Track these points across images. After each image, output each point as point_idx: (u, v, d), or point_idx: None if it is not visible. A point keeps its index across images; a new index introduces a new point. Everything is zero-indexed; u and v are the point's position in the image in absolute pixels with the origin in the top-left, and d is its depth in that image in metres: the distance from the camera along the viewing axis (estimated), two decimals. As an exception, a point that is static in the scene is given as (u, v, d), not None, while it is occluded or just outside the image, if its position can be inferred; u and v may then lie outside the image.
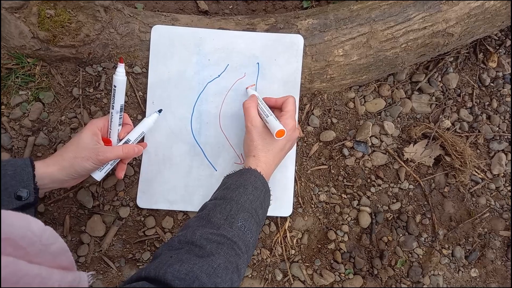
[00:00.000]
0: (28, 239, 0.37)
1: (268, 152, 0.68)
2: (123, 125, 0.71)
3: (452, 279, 0.85)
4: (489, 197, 0.87)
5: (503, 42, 0.94)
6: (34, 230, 0.38)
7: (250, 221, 0.59)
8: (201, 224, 0.56)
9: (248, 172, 0.65)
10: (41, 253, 0.38)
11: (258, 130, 0.69)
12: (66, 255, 0.42)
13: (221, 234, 0.54)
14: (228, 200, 0.60)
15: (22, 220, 0.37)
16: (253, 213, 0.60)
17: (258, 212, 0.62)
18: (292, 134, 0.69)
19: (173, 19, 0.80)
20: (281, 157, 0.71)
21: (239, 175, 0.65)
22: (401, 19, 0.78)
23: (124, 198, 0.78)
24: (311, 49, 0.79)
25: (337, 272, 0.81)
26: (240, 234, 0.56)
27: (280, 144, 0.69)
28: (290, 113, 0.70)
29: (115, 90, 0.67)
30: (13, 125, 0.76)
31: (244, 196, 0.61)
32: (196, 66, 0.79)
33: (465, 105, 0.90)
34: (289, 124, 0.68)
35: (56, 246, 0.40)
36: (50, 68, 0.77)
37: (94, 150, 0.63)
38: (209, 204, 0.61)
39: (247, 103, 0.71)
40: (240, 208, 0.59)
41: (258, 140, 0.68)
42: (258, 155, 0.68)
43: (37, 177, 0.59)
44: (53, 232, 0.40)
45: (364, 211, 0.83)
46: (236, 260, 0.53)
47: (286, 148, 0.70)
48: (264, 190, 0.64)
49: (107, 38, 0.75)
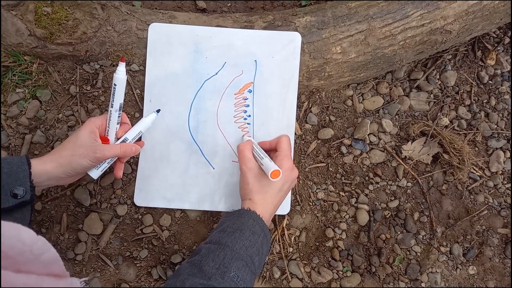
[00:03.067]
0: (17, 249, 0.36)
1: (265, 194, 0.66)
2: (121, 124, 0.71)
3: (450, 277, 0.85)
4: (487, 195, 0.87)
5: (501, 40, 0.94)
6: (24, 240, 0.37)
7: (244, 270, 0.57)
8: (192, 273, 0.55)
9: (246, 214, 0.63)
10: (31, 262, 0.38)
11: (253, 172, 0.67)
12: (58, 263, 0.41)
13: (212, 286, 0.53)
14: (223, 246, 0.58)
15: (12, 230, 0.37)
16: (248, 261, 0.58)
17: (254, 259, 0.60)
18: (289, 174, 0.68)
19: (170, 17, 0.80)
20: (279, 198, 0.69)
21: (236, 217, 0.63)
22: (399, 16, 0.77)
23: (121, 196, 0.78)
24: (309, 46, 0.78)
25: (335, 269, 0.81)
26: (232, 285, 0.54)
27: (277, 186, 0.67)
28: (284, 152, 0.69)
29: (115, 89, 0.66)
30: (10, 123, 0.76)
31: (240, 242, 0.59)
32: (193, 64, 0.78)
33: (463, 102, 0.90)
34: (284, 164, 0.67)
35: (47, 255, 0.40)
36: (47, 66, 0.77)
37: (92, 148, 0.63)
38: (203, 248, 0.59)
39: (242, 145, 0.70)
40: (234, 256, 0.57)
41: (254, 182, 0.66)
42: (254, 198, 0.66)
43: (33, 175, 0.58)
44: (45, 242, 0.40)
45: (362, 209, 0.83)
46: None
47: (284, 189, 0.68)
48: (262, 234, 0.63)
49: (104, 36, 0.75)
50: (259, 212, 0.64)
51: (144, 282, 0.78)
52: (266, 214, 0.65)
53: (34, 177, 0.58)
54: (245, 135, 0.79)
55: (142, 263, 0.78)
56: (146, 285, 0.78)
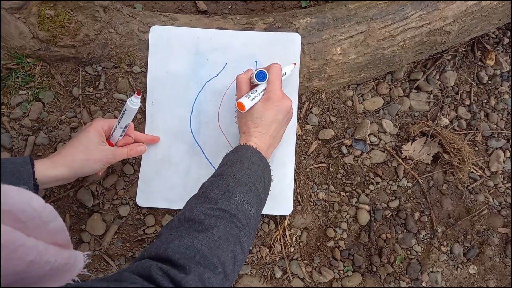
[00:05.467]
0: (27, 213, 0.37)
1: (258, 126, 0.67)
2: (125, 136, 0.72)
3: (450, 276, 0.85)
4: (488, 194, 0.88)
5: (500, 40, 0.95)
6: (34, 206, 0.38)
7: (249, 194, 0.58)
8: (199, 201, 0.57)
9: (243, 148, 0.64)
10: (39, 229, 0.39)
11: None
12: (63, 233, 0.42)
13: (219, 208, 0.54)
14: (225, 176, 0.59)
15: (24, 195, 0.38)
16: (252, 186, 0.59)
17: (257, 185, 0.61)
18: (279, 104, 0.67)
19: (172, 19, 0.80)
20: (275, 129, 0.68)
21: (234, 152, 0.64)
22: (399, 17, 0.78)
23: (124, 197, 0.79)
24: (309, 47, 0.79)
25: (336, 269, 0.82)
26: (239, 207, 0.56)
27: (268, 115, 0.66)
28: (272, 82, 0.68)
29: (124, 113, 0.67)
30: (13, 125, 0.77)
31: (241, 171, 0.60)
32: (194, 65, 0.79)
33: (463, 103, 0.91)
34: (272, 95, 0.67)
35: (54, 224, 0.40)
36: (50, 68, 0.77)
37: (105, 152, 0.66)
38: (206, 182, 0.61)
39: (240, 77, 0.70)
40: (237, 182, 0.58)
41: (247, 115, 0.67)
42: (248, 131, 0.67)
43: (43, 178, 0.60)
44: (53, 210, 0.41)
45: (362, 209, 0.83)
46: (237, 233, 0.53)
47: (278, 119, 0.68)
48: (261, 164, 0.63)
49: (106, 38, 0.76)
50: (255, 143, 0.65)
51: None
52: (263, 146, 0.66)
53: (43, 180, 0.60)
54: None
55: (145, 263, 0.79)
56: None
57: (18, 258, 0.34)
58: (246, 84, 0.69)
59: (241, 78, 0.70)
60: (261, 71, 0.68)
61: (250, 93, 0.67)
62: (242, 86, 0.69)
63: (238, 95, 0.69)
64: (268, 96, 0.67)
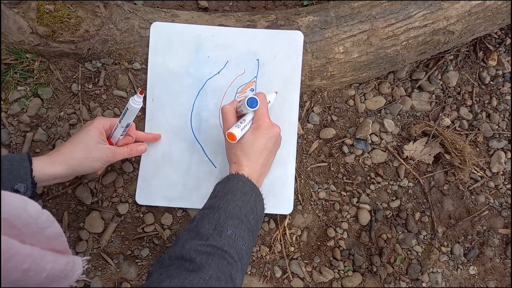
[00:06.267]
0: (23, 220, 0.37)
1: (249, 155, 0.66)
2: (125, 136, 0.71)
3: (451, 277, 0.85)
4: (488, 195, 0.87)
5: (503, 41, 0.94)
6: (30, 212, 0.38)
7: (241, 228, 0.57)
8: (190, 237, 0.55)
9: (234, 177, 0.63)
10: (35, 235, 0.38)
11: None
12: (61, 239, 0.42)
13: (211, 245, 0.53)
14: (216, 208, 0.58)
15: (19, 201, 0.37)
16: (243, 219, 0.58)
17: (249, 217, 0.59)
18: (268, 132, 0.66)
19: (173, 16, 0.79)
20: (266, 157, 0.67)
21: (226, 182, 0.63)
22: (402, 16, 0.77)
23: (123, 195, 0.78)
24: (312, 46, 0.78)
25: (336, 269, 0.81)
26: (231, 242, 0.54)
27: (259, 144, 0.66)
28: (260, 110, 0.67)
29: (126, 112, 0.66)
30: (12, 121, 0.76)
31: (232, 202, 0.59)
32: (195, 63, 0.78)
33: (465, 103, 0.90)
34: (261, 124, 0.66)
35: (51, 229, 0.40)
36: (49, 64, 0.76)
37: (105, 151, 0.65)
38: (198, 215, 0.59)
39: (225, 108, 0.69)
40: (228, 215, 0.57)
41: (236, 145, 0.66)
42: (239, 161, 0.66)
43: (41, 176, 0.59)
44: (50, 216, 0.40)
45: (363, 209, 0.83)
46: (229, 270, 0.52)
47: (268, 146, 0.67)
48: (254, 194, 0.62)
49: (106, 34, 0.75)
50: (247, 173, 0.64)
51: (145, 281, 0.78)
52: (254, 175, 0.65)
53: (42, 177, 0.59)
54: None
55: (143, 262, 0.78)
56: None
57: (12, 267, 0.34)
58: (232, 115, 0.69)
59: (227, 108, 0.68)
60: (253, 98, 0.66)
61: (239, 123, 0.67)
62: (229, 116, 0.68)
63: (226, 126, 0.68)
64: (257, 125, 0.66)
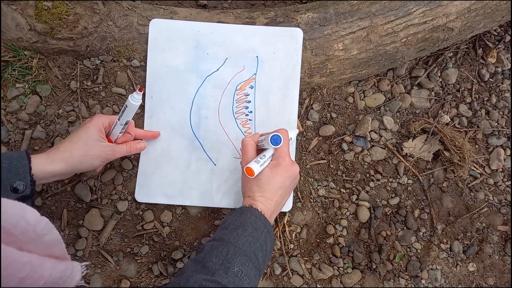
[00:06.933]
0: (20, 227, 0.37)
1: (264, 192, 0.65)
2: (124, 133, 0.71)
3: (450, 274, 0.85)
4: (488, 192, 0.88)
5: (502, 38, 0.94)
6: (28, 220, 0.37)
7: (248, 266, 0.56)
8: (196, 270, 0.55)
9: (247, 211, 0.62)
10: (33, 242, 0.38)
11: None
12: (60, 246, 0.41)
13: (216, 281, 0.52)
14: (226, 242, 0.58)
15: (17, 209, 0.37)
16: (252, 256, 0.58)
17: (258, 255, 0.59)
18: (288, 171, 0.66)
19: (171, 12, 0.79)
20: (281, 196, 0.67)
21: (238, 214, 0.62)
22: (402, 13, 0.77)
23: (122, 192, 0.78)
24: (311, 43, 0.78)
25: (335, 266, 0.82)
26: (236, 280, 0.54)
27: (276, 182, 0.65)
28: (281, 148, 0.67)
29: (125, 110, 0.65)
30: (10, 118, 0.76)
31: (243, 238, 0.58)
32: (194, 60, 0.78)
33: (464, 100, 0.90)
34: (281, 162, 0.66)
35: (49, 236, 0.40)
36: (47, 61, 0.76)
37: (104, 148, 0.65)
38: (206, 246, 0.59)
39: (246, 140, 0.68)
40: (237, 251, 0.56)
41: (253, 180, 0.65)
42: (253, 195, 0.65)
43: (40, 174, 0.58)
44: (49, 223, 0.40)
45: (363, 206, 0.83)
46: None
47: (285, 185, 0.67)
48: (265, 231, 0.62)
49: (105, 31, 0.75)
50: (260, 209, 0.64)
51: (144, 278, 0.78)
52: (268, 211, 0.65)
53: (41, 175, 0.58)
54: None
55: (143, 259, 0.78)
56: (147, 281, 0.78)
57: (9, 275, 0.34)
58: (253, 148, 0.68)
59: (247, 141, 0.68)
60: (277, 135, 0.65)
61: (259, 158, 0.66)
62: (249, 149, 0.68)
63: (245, 159, 0.67)
64: (277, 162, 0.66)
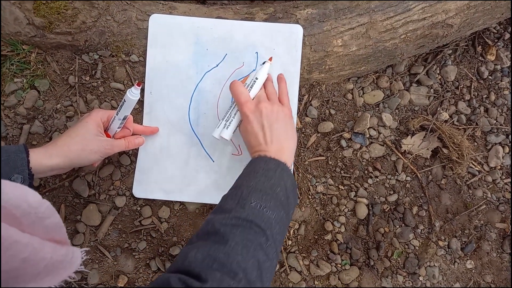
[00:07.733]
0: (22, 209, 0.37)
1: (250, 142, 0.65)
2: (123, 128, 0.71)
3: (448, 271, 0.85)
4: (486, 190, 0.88)
5: (501, 35, 0.94)
6: (30, 202, 0.38)
7: (265, 199, 0.55)
8: (215, 214, 0.55)
9: (256, 159, 0.62)
10: (34, 225, 0.38)
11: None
12: (61, 230, 0.42)
13: (234, 217, 0.52)
14: (239, 186, 0.58)
15: (19, 191, 0.37)
16: (268, 191, 0.56)
17: (276, 189, 0.57)
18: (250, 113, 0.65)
19: (170, 8, 0.79)
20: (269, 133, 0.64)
21: (248, 165, 0.63)
22: (401, 9, 0.77)
23: (120, 188, 0.78)
24: (310, 39, 0.78)
25: (333, 263, 0.82)
26: (255, 212, 0.53)
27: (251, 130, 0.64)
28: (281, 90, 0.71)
29: (123, 104, 0.65)
30: (8, 113, 0.75)
31: (255, 179, 0.58)
32: (194, 55, 0.78)
33: (463, 97, 0.90)
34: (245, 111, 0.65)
35: (51, 220, 0.40)
36: (45, 56, 0.76)
37: (102, 143, 0.65)
38: (223, 196, 0.59)
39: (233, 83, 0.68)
40: (251, 190, 0.56)
41: (240, 140, 0.66)
42: (252, 149, 0.64)
43: (38, 168, 0.58)
44: (50, 207, 0.40)
45: (361, 203, 0.83)
46: (256, 238, 0.51)
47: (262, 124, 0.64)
48: (279, 169, 0.60)
49: (103, 26, 0.74)
50: (265, 153, 0.62)
51: (142, 274, 0.78)
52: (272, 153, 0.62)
53: (38, 169, 0.58)
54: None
55: (141, 254, 0.78)
56: (144, 277, 0.78)
57: (11, 255, 0.34)
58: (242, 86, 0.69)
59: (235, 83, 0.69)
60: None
61: (224, 121, 0.69)
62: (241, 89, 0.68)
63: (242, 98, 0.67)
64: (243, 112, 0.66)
